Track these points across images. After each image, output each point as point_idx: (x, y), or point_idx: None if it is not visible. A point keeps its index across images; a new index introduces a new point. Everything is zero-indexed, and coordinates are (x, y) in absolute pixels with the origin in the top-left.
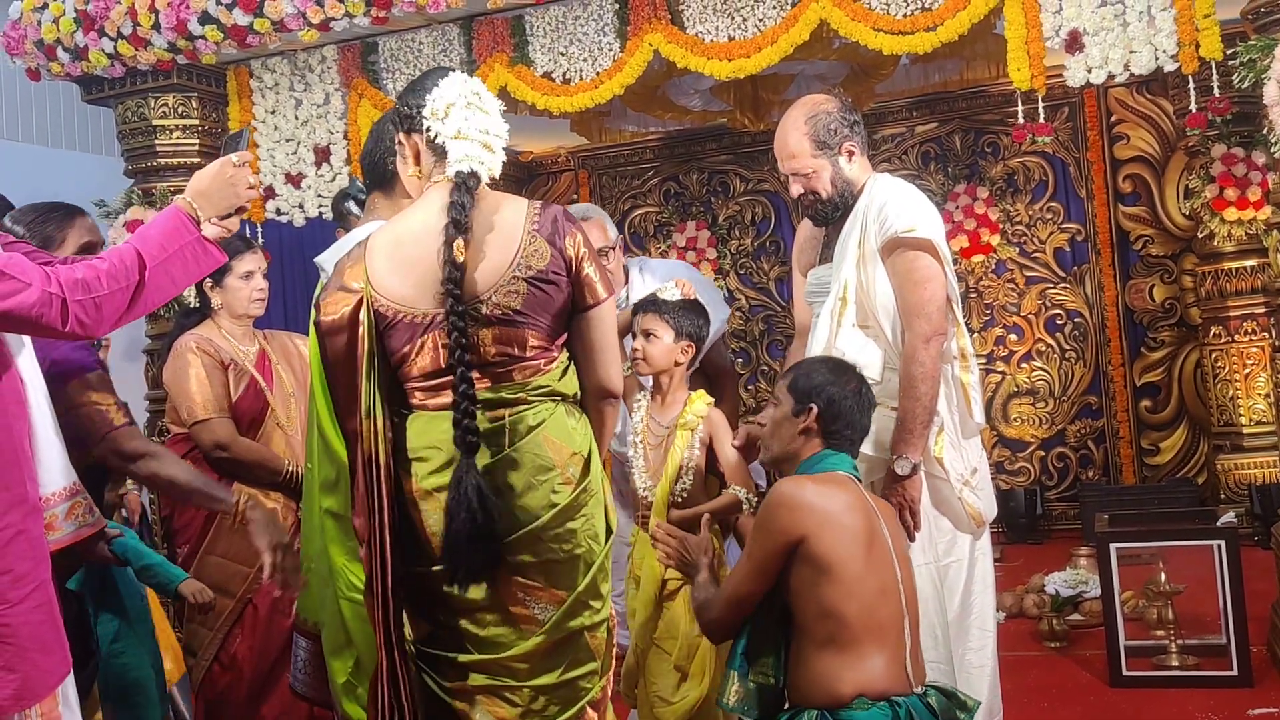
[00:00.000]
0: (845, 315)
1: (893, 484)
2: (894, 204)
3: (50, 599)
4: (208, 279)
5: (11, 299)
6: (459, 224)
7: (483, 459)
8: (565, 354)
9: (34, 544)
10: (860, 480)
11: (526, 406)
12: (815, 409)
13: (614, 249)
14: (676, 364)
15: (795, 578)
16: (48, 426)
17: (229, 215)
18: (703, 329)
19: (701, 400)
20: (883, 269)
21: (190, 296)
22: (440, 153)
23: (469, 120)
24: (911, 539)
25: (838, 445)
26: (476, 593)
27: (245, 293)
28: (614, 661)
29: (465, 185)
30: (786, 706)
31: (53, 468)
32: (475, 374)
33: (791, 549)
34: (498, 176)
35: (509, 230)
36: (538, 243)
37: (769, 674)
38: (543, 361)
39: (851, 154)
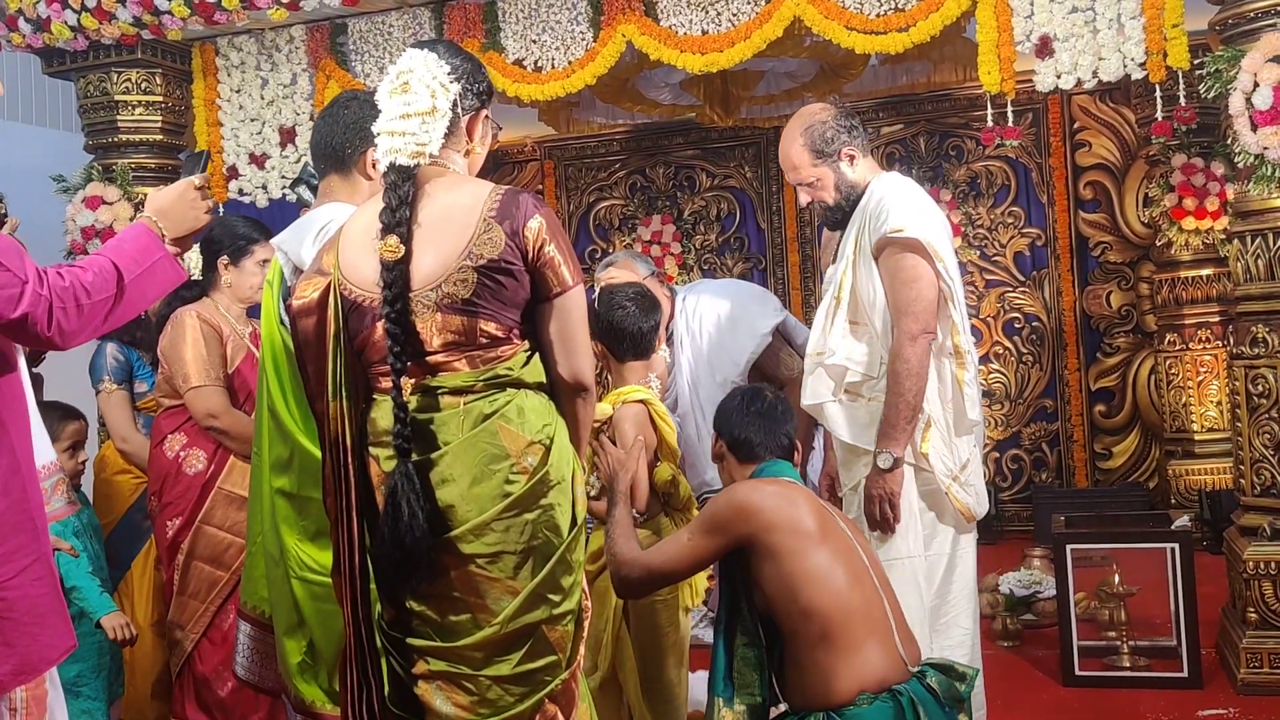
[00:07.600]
0: (838, 313)
1: (874, 477)
2: (888, 203)
3: (50, 573)
4: (224, 256)
5: (2, 291)
6: (388, 225)
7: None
8: (528, 342)
9: (25, 518)
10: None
11: (482, 394)
12: (721, 439)
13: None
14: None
15: (764, 581)
16: (33, 401)
17: (184, 237)
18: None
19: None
20: (876, 267)
21: (194, 268)
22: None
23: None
24: (889, 531)
25: (767, 458)
26: (433, 580)
27: (257, 279)
28: (581, 654)
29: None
30: (785, 710)
31: (40, 442)
32: (430, 359)
33: (734, 547)
34: (428, 153)
35: (463, 217)
36: (492, 230)
37: (755, 693)
38: (501, 349)
39: (852, 158)
